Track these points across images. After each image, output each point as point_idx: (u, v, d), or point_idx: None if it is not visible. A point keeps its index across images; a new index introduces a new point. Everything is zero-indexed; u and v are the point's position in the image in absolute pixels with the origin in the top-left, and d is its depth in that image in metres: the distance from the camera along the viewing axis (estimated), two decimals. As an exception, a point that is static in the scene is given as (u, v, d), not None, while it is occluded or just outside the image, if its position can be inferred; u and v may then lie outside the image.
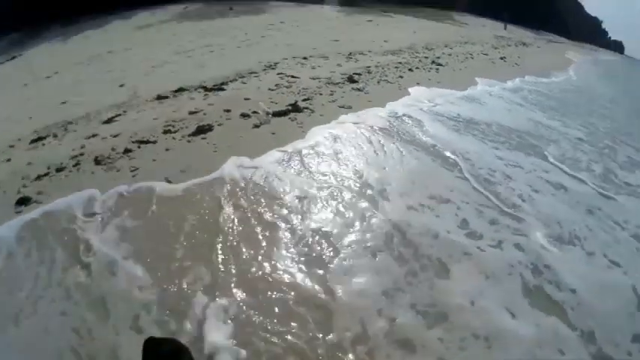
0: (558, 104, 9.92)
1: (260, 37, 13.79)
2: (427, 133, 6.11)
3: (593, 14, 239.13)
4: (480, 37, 25.12)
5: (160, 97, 7.28)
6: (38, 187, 4.47)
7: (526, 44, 30.42)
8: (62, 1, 27.00)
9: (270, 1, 28.70)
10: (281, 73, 8.74)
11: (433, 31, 21.79)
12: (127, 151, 5.13)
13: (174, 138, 5.42)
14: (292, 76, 8.50)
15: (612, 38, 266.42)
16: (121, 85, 8.60)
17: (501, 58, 16.24)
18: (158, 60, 10.68)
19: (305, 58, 10.44)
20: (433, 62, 11.82)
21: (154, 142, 5.34)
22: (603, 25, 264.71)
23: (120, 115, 6.58)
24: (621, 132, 8.82)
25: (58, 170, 4.82)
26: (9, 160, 5.52)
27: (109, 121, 6.41)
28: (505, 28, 41.01)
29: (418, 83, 9.05)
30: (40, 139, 6.23)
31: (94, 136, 5.80)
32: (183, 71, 9.26)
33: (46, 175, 4.76)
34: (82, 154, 5.18)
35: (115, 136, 5.65)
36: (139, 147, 5.22)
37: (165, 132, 5.62)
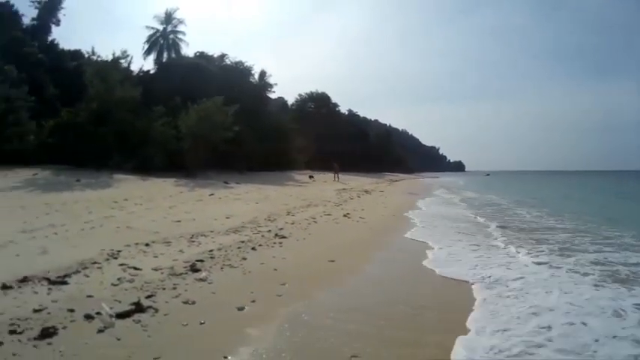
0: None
1: (103, 218, 13.72)
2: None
3: (429, 144, 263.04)
4: (322, 195, 27.23)
5: (5, 287, 6.90)
6: None
7: (368, 191, 33.32)
8: None
9: (116, 174, 29.18)
10: (123, 264, 8.66)
11: (275, 199, 23.35)
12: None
13: (20, 341, 5.20)
14: (135, 268, 8.44)
15: (452, 160, 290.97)
16: (-35, 267, 7.88)
17: (345, 215, 17.73)
18: (3, 238, 10.15)
19: (147, 245, 10.45)
20: (276, 235, 12.45)
21: (1, 344, 5.09)
22: (441, 152, 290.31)
23: (-38, 305, 6.05)
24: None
25: None
26: None
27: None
28: (337, 180, 44.82)
29: (262, 263, 9.42)
30: None
31: None
32: (28, 256, 8.88)
33: None
34: None
35: (-40, 332, 5.28)
36: (-15, 348, 4.92)
37: (11, 332, 5.37)
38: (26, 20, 46.55)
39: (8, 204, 16.30)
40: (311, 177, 42.66)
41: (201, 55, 55.26)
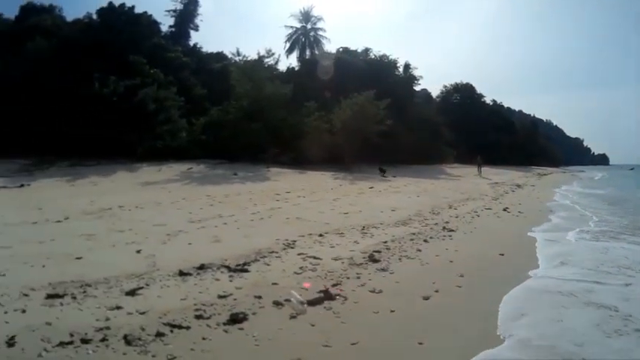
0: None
1: (270, 209, 14.54)
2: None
3: (574, 135, 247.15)
4: (478, 189, 27.20)
5: (182, 274, 7.41)
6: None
7: (520, 185, 32.97)
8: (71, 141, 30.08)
9: (272, 167, 31.07)
10: (302, 254, 9.12)
11: (434, 192, 23.51)
12: (159, 334, 5.17)
13: (208, 325, 5.49)
14: (314, 257, 8.87)
15: (596, 153, 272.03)
16: (138, 252, 8.73)
17: (504, 210, 17.51)
18: (172, 227, 11.04)
19: (321, 235, 10.94)
20: (444, 228, 12.62)
21: (187, 328, 5.39)
22: (585, 143, 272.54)
23: (142, 287, 6.67)
24: None
25: (84, 342, 4.90)
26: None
27: (132, 293, 6.47)
28: (479, 174, 43.04)
29: (437, 255, 9.58)
30: (55, 296, 6.18)
31: (117, 308, 5.86)
32: (200, 244, 9.50)
33: (69, 343, 4.84)
34: (108, 328, 5.24)
35: (142, 313, 5.72)
36: (171, 331, 5.28)
37: (198, 317, 5.68)
38: (164, 28, 50.17)
39: (168, 195, 17.79)
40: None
41: (345, 51, 56.20)
